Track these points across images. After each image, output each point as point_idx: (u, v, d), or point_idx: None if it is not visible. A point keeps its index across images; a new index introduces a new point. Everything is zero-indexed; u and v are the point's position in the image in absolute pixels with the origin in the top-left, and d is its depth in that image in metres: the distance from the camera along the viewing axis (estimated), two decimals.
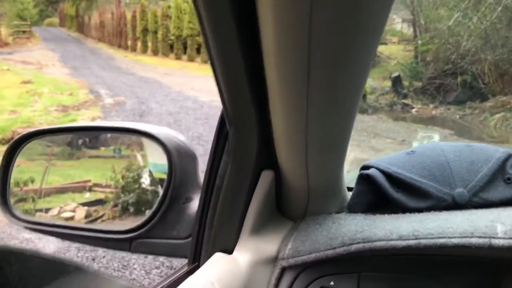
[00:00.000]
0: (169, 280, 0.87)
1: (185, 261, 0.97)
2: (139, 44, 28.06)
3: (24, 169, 1.27)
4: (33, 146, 1.27)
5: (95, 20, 33.84)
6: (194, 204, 1.02)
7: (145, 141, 1.25)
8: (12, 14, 31.42)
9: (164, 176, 1.20)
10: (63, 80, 15.79)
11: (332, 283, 0.86)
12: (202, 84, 16.64)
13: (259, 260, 0.88)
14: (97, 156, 1.40)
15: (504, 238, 0.73)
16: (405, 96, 12.74)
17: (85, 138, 1.36)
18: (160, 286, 0.83)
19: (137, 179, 1.23)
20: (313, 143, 0.71)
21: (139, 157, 1.28)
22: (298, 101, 0.61)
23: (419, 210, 0.86)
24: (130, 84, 15.41)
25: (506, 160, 0.89)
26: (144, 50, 27.45)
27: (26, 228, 1.09)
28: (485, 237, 0.74)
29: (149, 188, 1.22)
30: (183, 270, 0.92)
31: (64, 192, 1.36)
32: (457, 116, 11.30)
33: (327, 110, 0.65)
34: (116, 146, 1.35)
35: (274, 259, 0.89)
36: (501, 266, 0.80)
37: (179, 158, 1.01)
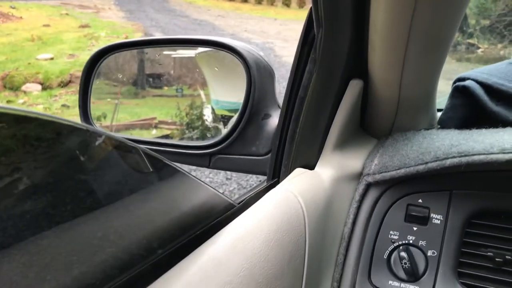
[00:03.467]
0: (249, 194, 0.85)
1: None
2: None
3: (93, 107, 1.30)
4: (101, 85, 1.30)
5: None
6: (273, 121, 0.99)
7: (210, 77, 1.25)
8: None
9: (226, 113, 1.20)
10: (119, 24, 15.95)
11: (420, 200, 0.82)
12: (255, 26, 16.42)
13: (342, 176, 0.85)
14: (160, 95, 1.43)
15: None
16: (470, 36, 11.98)
17: (149, 78, 1.39)
18: (241, 199, 0.82)
19: (200, 116, 1.24)
20: (415, 41, 0.64)
21: (202, 94, 1.29)
22: None
23: None
24: (183, 27, 15.41)
25: None
26: None
27: None
28: None
29: (212, 124, 1.22)
30: (263, 185, 0.91)
31: (132, 129, 1.41)
32: None
33: (437, 1, 0.58)
34: (179, 85, 1.36)
35: (358, 176, 0.86)
36: None
37: (258, 72, 0.97)
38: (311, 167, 0.87)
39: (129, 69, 1.35)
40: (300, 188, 0.80)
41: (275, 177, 0.92)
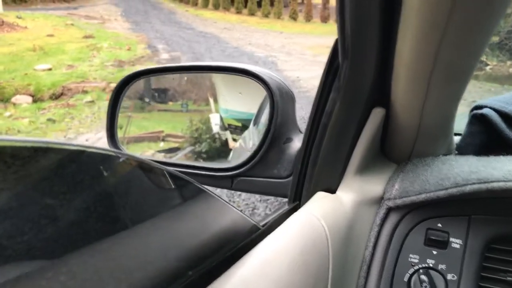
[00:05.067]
0: (271, 217, 0.87)
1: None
2: None
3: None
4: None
5: None
6: (294, 145, 1.02)
7: (220, 86, 1.28)
8: None
9: (234, 123, 1.23)
10: (123, 35, 15.98)
11: (439, 225, 0.84)
12: (260, 39, 16.48)
13: (363, 200, 0.87)
14: (165, 110, 1.46)
15: None
16: None
17: (155, 93, 1.42)
18: (264, 223, 0.84)
19: (208, 130, 1.27)
20: (439, 72, 0.67)
21: (211, 102, 1.32)
22: (436, 23, 0.58)
23: None
24: (188, 39, 15.47)
25: None
26: (205, 5, 27.42)
27: None
28: None
29: (218, 138, 1.26)
30: (284, 209, 0.93)
31: (141, 141, 1.44)
32: None
33: (465, 33, 0.60)
34: (184, 101, 1.39)
35: (379, 200, 0.88)
36: None
37: (280, 98, 1.00)
38: (332, 191, 0.89)
39: (137, 84, 1.38)
40: (322, 211, 0.82)
41: (296, 199, 0.94)
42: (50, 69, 10.10)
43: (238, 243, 0.71)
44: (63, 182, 0.45)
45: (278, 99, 0.99)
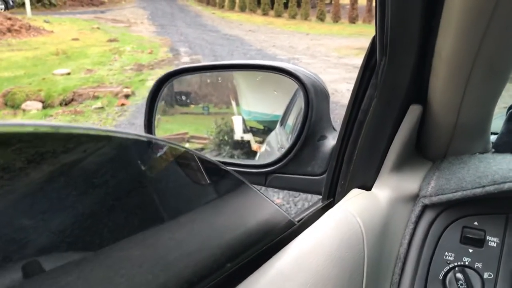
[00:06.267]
0: (307, 213, 0.88)
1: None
2: (226, 0, 28.12)
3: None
4: None
5: None
6: (328, 142, 1.03)
7: (244, 87, 1.29)
8: None
9: (257, 125, 1.24)
10: (148, 38, 15.93)
11: (476, 223, 0.84)
12: (285, 41, 16.36)
13: (399, 197, 0.87)
14: (187, 113, 1.49)
15: None
16: None
17: (177, 96, 1.44)
18: (300, 218, 0.84)
19: (231, 133, 1.31)
20: (479, 69, 0.67)
21: (233, 104, 1.33)
22: (480, 18, 0.57)
23: None
24: (211, 42, 15.41)
25: None
26: (232, 7, 27.46)
27: None
28: None
29: (241, 140, 1.29)
30: (318, 205, 0.93)
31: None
32: None
33: (509, 28, 0.60)
34: (205, 104, 1.42)
35: (415, 197, 0.88)
36: None
37: (315, 95, 1.00)
38: (368, 188, 0.90)
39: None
40: (358, 208, 0.82)
41: (331, 197, 0.95)
42: (68, 74, 9.86)
43: (275, 237, 0.72)
44: (104, 173, 0.46)
45: (313, 96, 1.00)
